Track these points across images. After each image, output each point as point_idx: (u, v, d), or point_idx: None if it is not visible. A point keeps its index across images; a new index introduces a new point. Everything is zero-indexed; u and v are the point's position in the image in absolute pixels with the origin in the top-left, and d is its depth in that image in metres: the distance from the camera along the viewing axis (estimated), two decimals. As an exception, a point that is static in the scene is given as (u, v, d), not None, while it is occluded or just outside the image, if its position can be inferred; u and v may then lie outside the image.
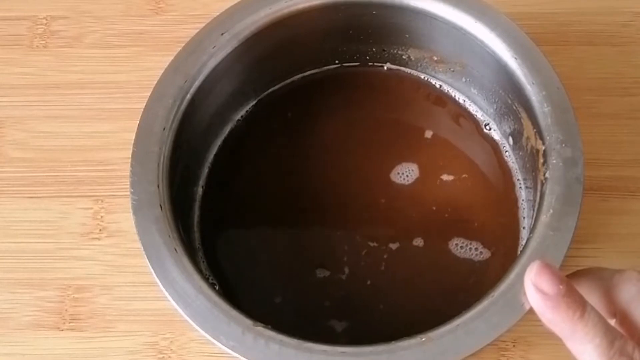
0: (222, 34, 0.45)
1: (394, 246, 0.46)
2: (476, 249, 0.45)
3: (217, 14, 0.46)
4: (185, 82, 0.44)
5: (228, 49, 0.45)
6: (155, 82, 0.44)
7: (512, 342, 0.45)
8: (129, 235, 0.48)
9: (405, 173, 0.48)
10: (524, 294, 0.35)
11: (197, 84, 0.44)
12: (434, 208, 0.47)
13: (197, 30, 0.46)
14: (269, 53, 0.48)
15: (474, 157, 0.48)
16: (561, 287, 0.33)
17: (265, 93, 0.51)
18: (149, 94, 0.44)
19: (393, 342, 0.37)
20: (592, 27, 0.54)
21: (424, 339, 0.36)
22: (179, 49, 0.45)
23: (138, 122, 0.43)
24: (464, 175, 0.48)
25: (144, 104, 0.43)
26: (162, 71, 0.44)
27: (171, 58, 0.45)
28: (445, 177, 0.48)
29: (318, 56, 0.51)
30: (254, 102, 0.50)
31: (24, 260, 0.49)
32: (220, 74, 0.46)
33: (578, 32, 0.54)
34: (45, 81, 0.54)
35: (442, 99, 0.50)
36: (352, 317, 0.44)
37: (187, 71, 0.44)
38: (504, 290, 0.37)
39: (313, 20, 0.47)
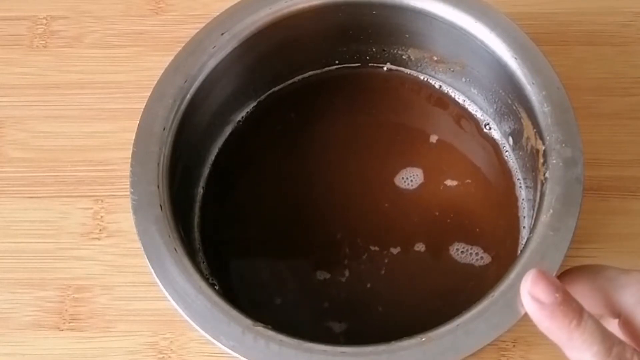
0: (222, 34, 0.45)
1: (395, 250, 0.46)
2: (477, 254, 0.45)
3: (217, 14, 0.46)
4: (185, 82, 0.44)
5: (228, 49, 0.45)
6: (155, 82, 0.44)
7: (512, 342, 0.45)
8: (129, 235, 0.48)
9: (410, 178, 0.48)
10: (520, 302, 0.34)
11: (197, 84, 0.44)
12: (437, 213, 0.47)
13: (197, 30, 0.46)
14: (269, 53, 0.48)
15: (475, 158, 0.48)
16: (557, 295, 0.32)
17: (266, 94, 0.51)
18: (149, 94, 0.44)
19: (393, 342, 0.36)
20: (592, 27, 0.54)
21: (424, 339, 0.36)
22: (179, 49, 0.45)
23: (138, 122, 0.43)
24: (467, 180, 0.47)
25: (144, 104, 0.43)
26: (162, 71, 0.44)
27: (171, 58, 0.45)
28: (449, 182, 0.47)
29: (318, 56, 0.51)
30: (254, 104, 0.50)
31: (24, 260, 0.49)
32: (220, 74, 0.46)
33: (578, 32, 0.54)
34: (45, 81, 0.54)
35: (442, 100, 0.50)
36: (351, 319, 0.44)
37: (187, 71, 0.44)
38: (504, 290, 0.37)
39: (313, 20, 0.47)
